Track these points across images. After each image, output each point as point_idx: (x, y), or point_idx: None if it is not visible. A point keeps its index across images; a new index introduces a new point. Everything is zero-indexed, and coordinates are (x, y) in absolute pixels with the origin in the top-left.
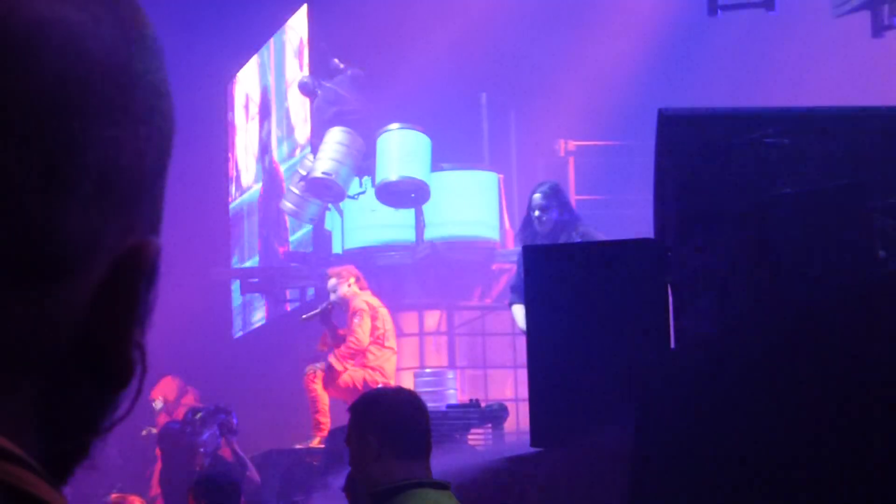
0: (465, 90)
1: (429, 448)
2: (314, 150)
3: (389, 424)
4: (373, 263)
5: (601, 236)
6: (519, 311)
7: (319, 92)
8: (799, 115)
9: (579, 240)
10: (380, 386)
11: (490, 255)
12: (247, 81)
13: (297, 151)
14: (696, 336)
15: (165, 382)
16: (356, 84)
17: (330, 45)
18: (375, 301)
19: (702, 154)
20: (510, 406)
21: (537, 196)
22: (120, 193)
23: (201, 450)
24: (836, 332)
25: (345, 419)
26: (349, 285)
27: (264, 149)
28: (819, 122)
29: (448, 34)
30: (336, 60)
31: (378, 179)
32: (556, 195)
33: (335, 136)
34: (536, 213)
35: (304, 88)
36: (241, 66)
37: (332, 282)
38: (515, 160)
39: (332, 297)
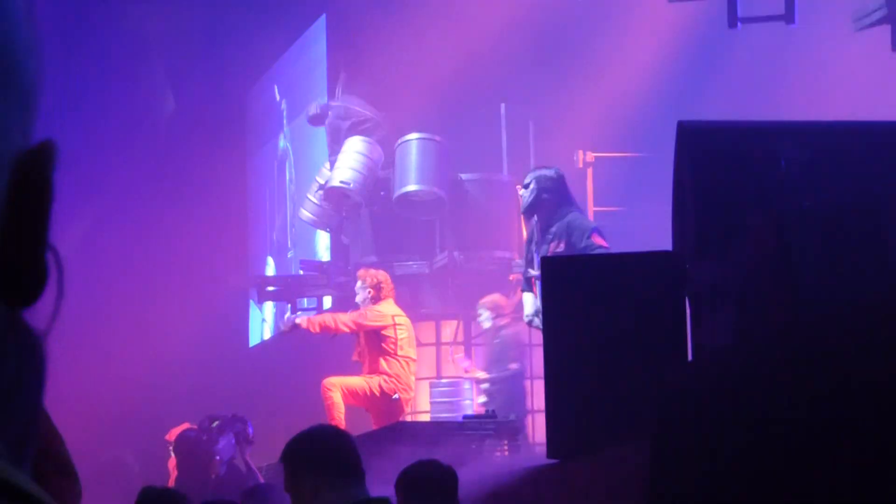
0: (484, 101)
1: (362, 469)
2: (332, 160)
3: (319, 459)
4: (390, 273)
5: (588, 226)
6: (528, 298)
7: (330, 112)
8: (819, 130)
9: (563, 227)
10: (396, 396)
11: (507, 266)
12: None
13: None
14: (714, 349)
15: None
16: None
17: (347, 56)
18: (395, 310)
19: (721, 167)
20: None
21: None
22: (21, 91)
23: (217, 458)
24: (854, 348)
25: (361, 428)
26: (368, 296)
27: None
28: (839, 136)
29: (467, 45)
30: (339, 90)
31: (397, 189)
32: (537, 175)
33: (354, 146)
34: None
35: (314, 120)
36: (259, 75)
37: (357, 284)
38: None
39: (357, 298)
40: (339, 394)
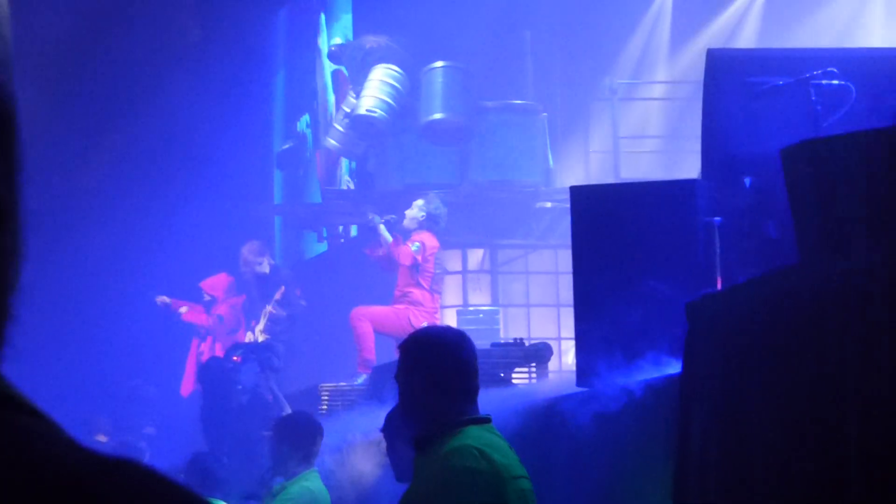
0: (509, 28)
1: (476, 387)
2: (356, 90)
3: (437, 363)
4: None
5: None
6: None
7: (347, 47)
8: (846, 56)
9: None
10: (425, 324)
11: (533, 194)
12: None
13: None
14: (743, 279)
15: (218, 279)
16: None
17: None
18: (435, 242)
19: (749, 94)
20: (553, 345)
21: None
22: None
23: (238, 387)
24: (886, 284)
25: (386, 357)
26: (416, 220)
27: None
28: (866, 62)
29: None
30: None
31: (422, 117)
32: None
33: (378, 74)
34: None
35: (333, 57)
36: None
37: (419, 202)
38: (560, 99)
39: (407, 213)
40: (368, 323)
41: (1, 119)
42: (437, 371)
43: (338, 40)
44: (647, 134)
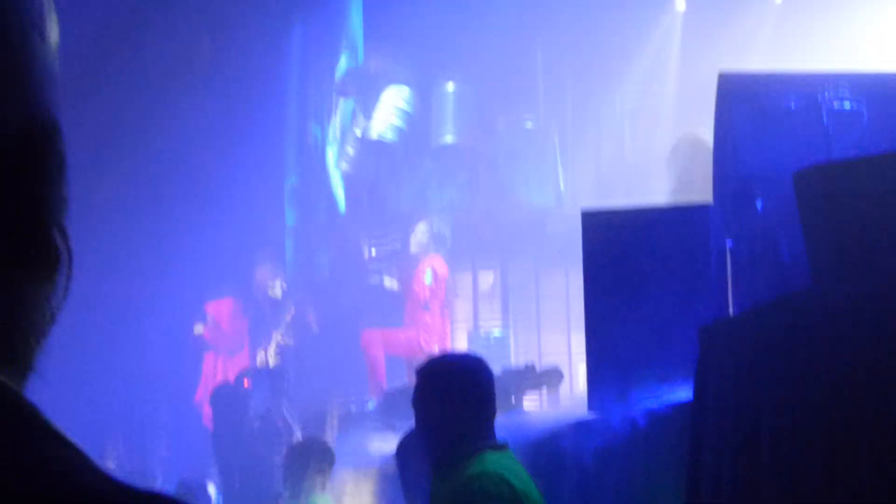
0: (520, 48)
1: (493, 412)
2: (364, 113)
3: (455, 390)
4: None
5: None
6: None
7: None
8: (857, 79)
9: None
10: (436, 347)
11: (544, 216)
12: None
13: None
14: (755, 303)
15: (223, 303)
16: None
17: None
18: (444, 267)
19: (760, 116)
20: (563, 366)
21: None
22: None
23: (250, 412)
24: None
25: (397, 380)
26: (423, 245)
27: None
28: (877, 85)
29: None
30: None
31: (434, 140)
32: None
33: (389, 97)
34: None
35: (341, 90)
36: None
37: (420, 227)
38: (570, 118)
39: (412, 239)
40: (379, 347)
41: (59, 160)
42: (455, 397)
43: (342, 63)
44: (657, 153)
